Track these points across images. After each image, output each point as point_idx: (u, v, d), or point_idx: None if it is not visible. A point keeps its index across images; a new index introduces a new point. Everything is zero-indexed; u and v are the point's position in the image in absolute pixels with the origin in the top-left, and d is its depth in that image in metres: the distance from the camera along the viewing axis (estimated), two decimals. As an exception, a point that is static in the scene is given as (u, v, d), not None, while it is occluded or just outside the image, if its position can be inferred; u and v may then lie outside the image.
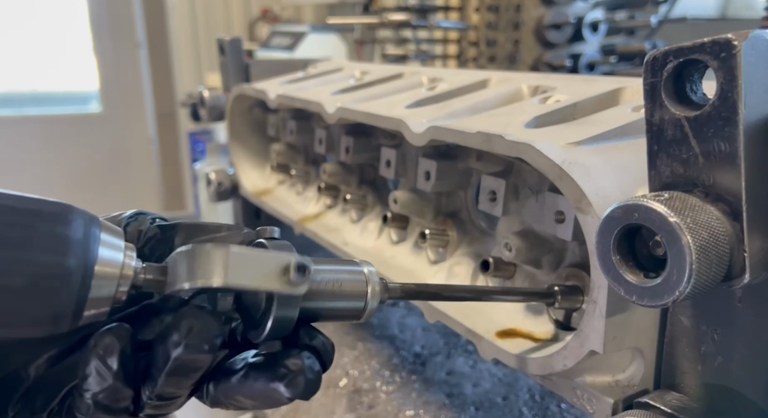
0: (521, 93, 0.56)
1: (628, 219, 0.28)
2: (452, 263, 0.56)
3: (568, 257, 0.45)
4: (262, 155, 0.93)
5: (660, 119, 0.30)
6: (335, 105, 0.62)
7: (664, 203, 0.27)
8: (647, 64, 0.30)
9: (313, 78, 0.84)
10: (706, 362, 0.35)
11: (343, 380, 0.68)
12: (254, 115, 0.92)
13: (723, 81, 0.27)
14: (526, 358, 0.42)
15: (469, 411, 0.62)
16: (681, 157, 0.29)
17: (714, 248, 0.27)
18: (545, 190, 0.44)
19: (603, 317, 0.35)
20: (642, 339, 0.38)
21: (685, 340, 0.36)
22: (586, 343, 0.36)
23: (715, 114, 0.27)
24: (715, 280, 0.28)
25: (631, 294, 0.29)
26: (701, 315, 0.35)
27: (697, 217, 0.27)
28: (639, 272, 0.29)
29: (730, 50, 0.26)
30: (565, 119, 0.46)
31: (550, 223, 0.43)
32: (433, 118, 0.51)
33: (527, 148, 0.39)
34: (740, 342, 0.33)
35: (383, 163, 0.62)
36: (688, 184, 0.29)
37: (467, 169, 0.56)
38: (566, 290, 0.42)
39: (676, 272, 0.27)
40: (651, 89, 0.30)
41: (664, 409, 0.35)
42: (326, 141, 0.74)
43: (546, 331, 0.44)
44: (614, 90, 0.49)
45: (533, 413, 0.61)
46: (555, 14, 0.88)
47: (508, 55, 0.92)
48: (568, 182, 0.36)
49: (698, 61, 0.28)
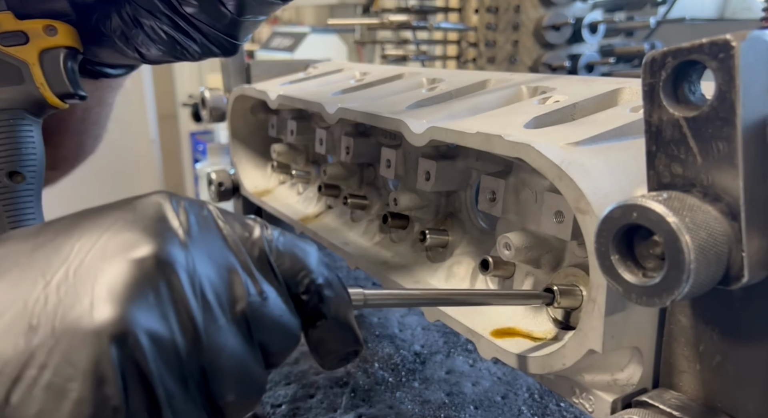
0: (520, 94, 0.57)
1: (626, 219, 0.28)
2: (452, 263, 0.56)
3: (567, 257, 0.45)
4: (263, 155, 0.93)
5: (658, 120, 0.30)
6: (336, 105, 0.62)
7: (662, 203, 0.27)
8: (646, 65, 0.30)
9: (314, 79, 0.84)
10: (704, 361, 0.35)
11: (343, 379, 0.68)
12: (255, 116, 0.92)
13: (721, 82, 0.27)
14: (525, 357, 0.42)
15: (468, 410, 0.62)
16: (679, 157, 0.29)
17: (712, 248, 0.27)
18: (545, 190, 0.44)
19: (602, 316, 0.35)
20: (641, 338, 0.38)
21: (684, 339, 0.36)
22: (585, 342, 0.37)
23: (714, 114, 0.28)
24: (713, 279, 0.28)
25: (630, 294, 0.29)
26: (700, 314, 0.35)
27: (696, 217, 0.27)
28: (638, 271, 0.29)
29: (728, 51, 0.26)
30: (564, 120, 0.47)
31: (549, 223, 0.43)
32: (432, 119, 0.51)
33: (526, 148, 0.39)
34: (739, 341, 0.34)
35: (383, 163, 0.62)
36: (686, 185, 0.29)
37: (467, 169, 0.56)
38: (566, 289, 0.42)
39: (675, 271, 0.27)
40: (649, 90, 0.30)
41: (663, 408, 0.35)
42: (327, 141, 0.74)
43: (545, 330, 0.45)
44: (613, 91, 0.49)
45: (532, 411, 0.62)
46: (554, 15, 0.88)
47: (507, 56, 0.92)
48: (567, 182, 0.36)
49: (696, 61, 0.28)
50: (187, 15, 0.43)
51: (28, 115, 0.46)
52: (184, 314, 0.25)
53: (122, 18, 0.45)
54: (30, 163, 0.47)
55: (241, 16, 0.44)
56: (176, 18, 0.43)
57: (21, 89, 0.45)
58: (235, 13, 0.43)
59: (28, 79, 0.46)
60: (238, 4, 0.42)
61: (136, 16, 0.44)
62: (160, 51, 0.47)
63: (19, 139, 0.46)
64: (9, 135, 0.46)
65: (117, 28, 0.46)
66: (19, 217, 0.47)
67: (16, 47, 0.45)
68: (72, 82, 0.47)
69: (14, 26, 0.45)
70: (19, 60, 0.45)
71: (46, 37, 0.45)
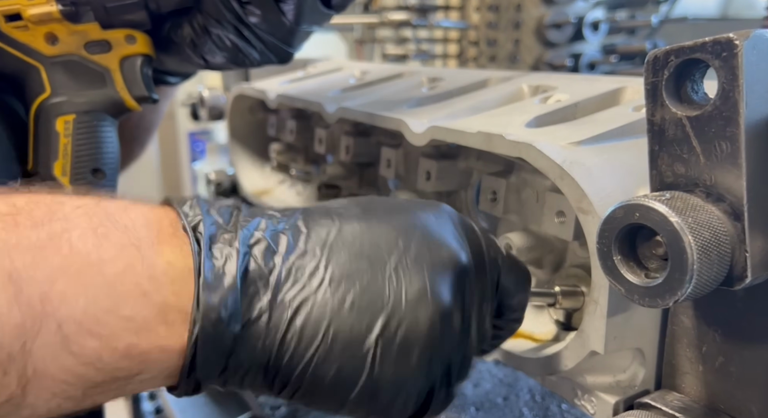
0: (522, 93, 0.56)
1: (629, 219, 0.28)
2: (453, 263, 0.56)
3: (569, 257, 0.45)
4: (262, 155, 0.93)
5: (661, 119, 0.30)
6: (335, 105, 0.62)
7: (665, 203, 0.27)
8: (648, 63, 0.30)
9: (313, 78, 0.84)
10: (707, 362, 0.35)
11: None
12: (254, 115, 0.92)
13: (724, 81, 0.27)
14: (526, 358, 0.41)
15: (469, 411, 0.62)
16: (682, 156, 0.29)
17: (715, 248, 0.27)
18: (546, 190, 0.44)
19: (604, 317, 0.35)
20: (643, 339, 0.37)
21: (686, 340, 0.36)
22: (587, 343, 0.36)
23: (717, 114, 0.27)
24: (716, 280, 0.28)
25: (632, 294, 0.29)
26: (702, 315, 0.35)
27: (699, 217, 0.27)
28: (640, 272, 0.29)
29: (732, 50, 0.26)
30: (565, 119, 0.46)
31: (551, 223, 0.43)
32: (433, 118, 0.51)
33: (528, 148, 0.38)
34: (741, 342, 0.33)
35: (383, 163, 0.62)
36: (689, 184, 0.29)
37: (468, 169, 0.56)
38: (567, 290, 0.42)
39: (678, 272, 0.27)
40: (652, 89, 0.30)
41: (665, 409, 0.35)
42: (326, 141, 0.74)
43: (547, 331, 0.44)
44: (615, 90, 0.49)
45: (534, 413, 0.61)
46: (555, 14, 0.88)
47: (508, 54, 0.92)
48: (569, 182, 0.36)
49: (699, 60, 0.28)
50: (250, 25, 0.48)
51: (109, 116, 0.51)
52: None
53: (193, 27, 0.50)
54: (110, 161, 0.51)
55: (298, 26, 0.49)
56: (241, 27, 0.48)
57: (103, 93, 0.50)
58: (293, 22, 0.48)
59: (110, 84, 0.50)
60: (297, 15, 0.47)
61: (206, 25, 0.49)
62: (224, 58, 0.51)
63: (101, 138, 0.50)
64: (93, 135, 0.50)
65: (187, 36, 0.50)
66: None
67: (100, 55, 0.50)
68: (147, 86, 0.51)
69: (99, 36, 0.49)
70: (102, 66, 0.50)
71: (126, 46, 0.50)
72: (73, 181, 0.49)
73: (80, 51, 0.49)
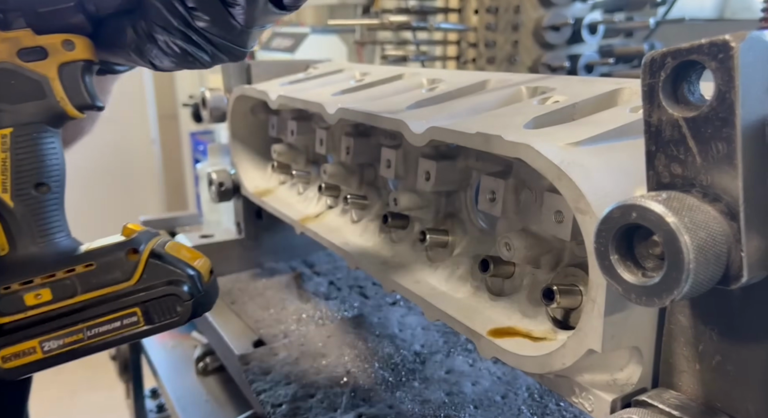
0: (520, 94, 0.57)
1: (626, 219, 0.28)
2: (452, 263, 0.56)
3: (567, 257, 0.45)
4: (263, 156, 0.93)
5: (658, 120, 0.30)
6: (336, 106, 0.62)
7: (662, 203, 0.27)
8: (645, 65, 0.30)
9: (314, 79, 0.84)
10: (703, 360, 0.35)
11: (343, 379, 0.68)
12: (255, 116, 0.92)
13: (720, 82, 0.27)
14: (524, 356, 0.42)
15: (468, 409, 0.62)
16: (679, 157, 0.30)
17: (712, 248, 0.27)
18: (544, 190, 0.45)
19: (601, 316, 0.36)
20: (640, 338, 0.38)
21: (683, 339, 0.36)
22: (585, 341, 0.37)
23: (713, 115, 0.28)
24: (712, 279, 0.28)
25: (630, 293, 0.29)
26: (699, 314, 0.35)
27: (695, 217, 0.27)
28: (637, 271, 0.29)
29: (728, 51, 0.26)
30: (563, 120, 0.47)
31: (549, 223, 0.43)
32: (432, 119, 0.51)
33: (526, 148, 0.39)
34: (738, 341, 0.34)
35: (383, 163, 0.63)
36: (686, 185, 0.30)
37: (467, 169, 0.56)
38: (565, 289, 0.42)
39: (674, 271, 0.27)
40: (649, 90, 0.30)
41: (662, 407, 0.35)
42: (327, 141, 0.74)
43: (545, 330, 0.45)
44: (613, 91, 0.49)
45: (532, 411, 0.62)
46: (554, 16, 0.89)
47: (507, 56, 0.93)
48: (567, 182, 0.36)
49: (696, 62, 0.28)
50: (199, 29, 0.45)
51: (50, 127, 0.48)
52: None
53: (137, 32, 0.47)
54: (55, 173, 0.48)
55: (250, 28, 0.46)
56: (189, 32, 0.45)
57: (42, 104, 0.47)
58: (244, 25, 0.46)
59: (49, 94, 0.47)
60: (247, 17, 0.45)
61: (151, 32, 0.46)
62: (173, 63, 0.48)
63: (43, 151, 0.48)
64: (34, 148, 0.47)
65: (131, 42, 0.47)
66: (47, 225, 0.48)
67: (36, 62, 0.46)
68: (90, 94, 0.49)
69: (33, 42, 0.46)
70: (39, 75, 0.47)
71: (64, 52, 0.47)
72: (14, 198, 0.46)
73: (13, 59, 0.46)
